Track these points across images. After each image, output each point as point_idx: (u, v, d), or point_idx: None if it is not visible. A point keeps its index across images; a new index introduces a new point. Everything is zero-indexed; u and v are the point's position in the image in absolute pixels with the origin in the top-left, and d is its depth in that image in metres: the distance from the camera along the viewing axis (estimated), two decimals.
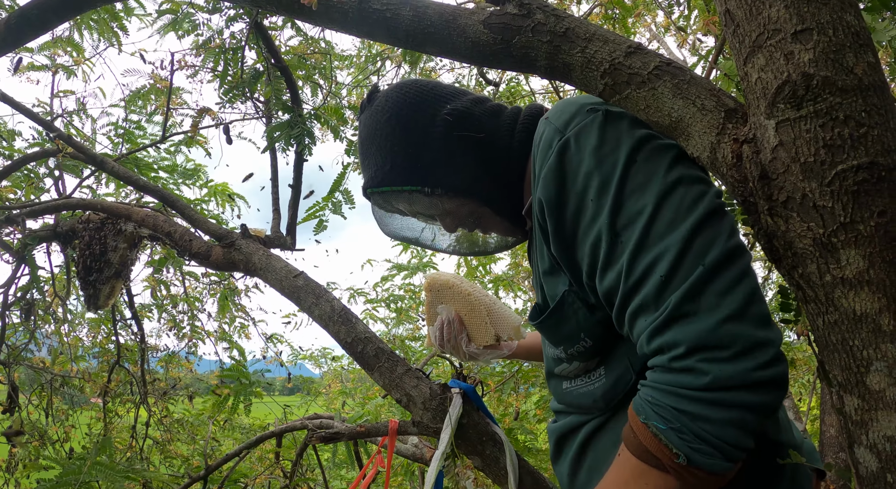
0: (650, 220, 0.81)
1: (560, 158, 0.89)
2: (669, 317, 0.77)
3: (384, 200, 1.19)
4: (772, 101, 0.73)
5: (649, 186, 0.83)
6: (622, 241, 0.82)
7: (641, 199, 0.82)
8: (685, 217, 0.80)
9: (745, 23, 0.75)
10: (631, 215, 0.82)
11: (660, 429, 0.77)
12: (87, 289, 2.47)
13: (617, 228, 0.83)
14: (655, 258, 0.80)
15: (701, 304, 0.76)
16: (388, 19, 1.00)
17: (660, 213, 0.81)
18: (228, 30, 2.23)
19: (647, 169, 0.84)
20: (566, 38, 0.89)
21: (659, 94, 0.84)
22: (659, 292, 0.79)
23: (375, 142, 1.12)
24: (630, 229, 0.82)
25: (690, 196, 0.82)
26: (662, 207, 0.81)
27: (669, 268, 0.78)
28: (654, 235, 0.80)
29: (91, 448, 3.78)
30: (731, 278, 0.78)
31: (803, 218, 0.73)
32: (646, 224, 0.81)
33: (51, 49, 3.73)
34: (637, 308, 0.81)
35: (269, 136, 2.12)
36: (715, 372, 0.74)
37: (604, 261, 0.85)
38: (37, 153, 2.69)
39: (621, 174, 0.84)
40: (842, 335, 0.74)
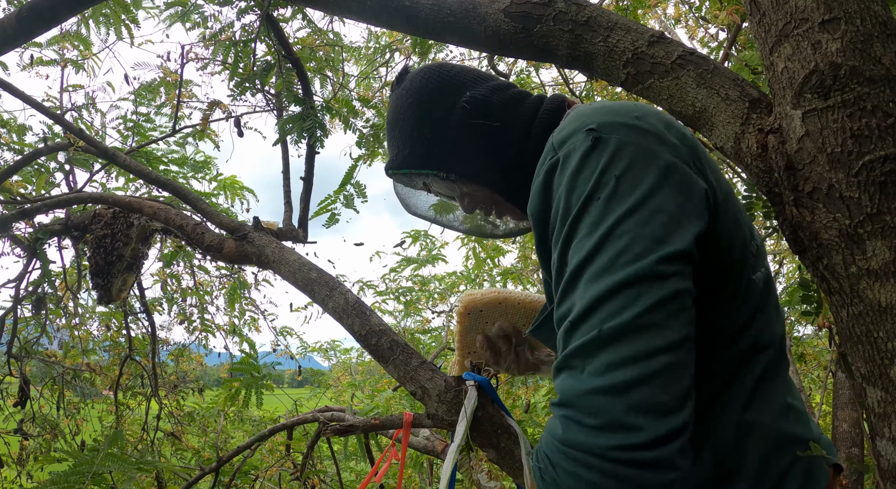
0: (583, 262, 0.77)
1: (547, 177, 0.87)
2: (562, 363, 0.77)
3: (405, 182, 1.26)
4: (799, 90, 0.72)
5: (599, 226, 0.78)
6: (564, 273, 0.81)
7: (588, 238, 0.78)
8: (613, 271, 0.75)
9: (771, 12, 0.73)
10: (574, 250, 0.80)
11: (538, 479, 0.78)
12: (99, 283, 2.47)
13: (566, 258, 0.81)
14: (572, 303, 0.78)
15: (586, 365, 0.73)
16: (407, 8, 1.00)
17: (595, 259, 0.77)
18: (239, 22, 2.23)
19: (605, 208, 0.79)
20: (588, 27, 0.89)
21: (682, 84, 0.83)
22: (564, 335, 0.78)
23: (398, 125, 1.16)
24: (569, 265, 0.80)
25: (634, 251, 0.76)
26: (599, 253, 0.77)
27: (576, 317, 0.76)
28: (581, 280, 0.77)
29: (102, 441, 3.80)
30: (626, 355, 0.72)
31: (829, 209, 0.72)
32: (578, 265, 0.78)
33: (59, 43, 3.74)
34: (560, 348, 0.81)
35: (281, 129, 2.11)
36: (570, 433, 0.73)
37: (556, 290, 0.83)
38: (48, 147, 2.69)
39: (581, 206, 0.80)
40: (866, 327, 0.74)
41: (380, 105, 3.89)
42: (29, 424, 4.19)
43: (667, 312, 0.73)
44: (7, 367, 3.98)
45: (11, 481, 4.18)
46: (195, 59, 2.47)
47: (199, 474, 3.47)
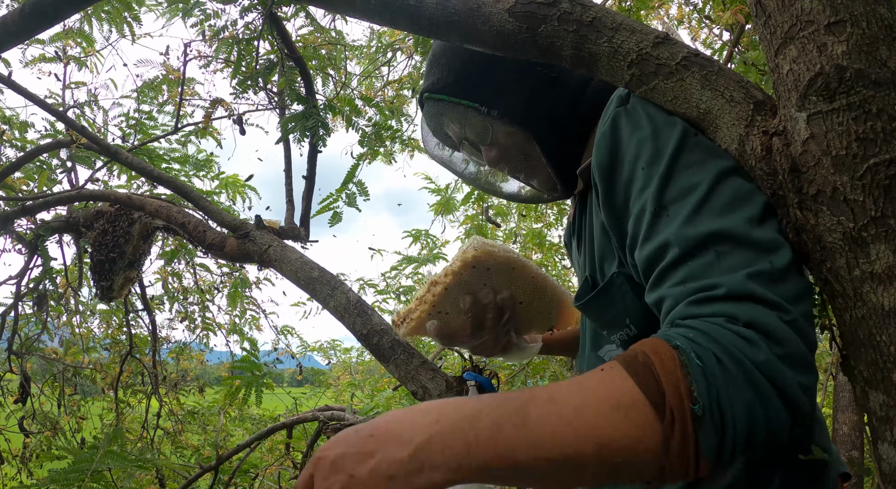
0: (705, 197, 0.74)
1: (614, 123, 0.86)
2: (734, 291, 0.67)
3: (437, 111, 1.17)
4: (804, 93, 0.71)
5: (706, 165, 0.77)
6: (669, 214, 0.76)
7: (696, 176, 0.76)
8: (744, 204, 0.74)
9: (776, 13, 0.73)
10: (682, 189, 0.76)
11: (694, 364, 0.62)
12: (101, 280, 2.48)
13: (664, 201, 0.76)
14: (711, 235, 0.71)
15: (771, 295, 0.67)
16: (411, 6, 0.99)
17: (716, 192, 0.74)
18: (242, 20, 2.22)
19: (704, 149, 0.80)
20: (592, 28, 0.88)
21: (687, 85, 0.82)
22: (712, 266, 0.70)
23: (450, 51, 1.12)
24: (680, 203, 0.75)
25: (749, 186, 0.77)
26: (719, 187, 0.75)
27: (730, 248, 0.70)
28: (708, 212, 0.73)
29: (103, 438, 3.80)
30: (799, 289, 0.70)
31: (833, 212, 0.72)
32: (700, 199, 0.74)
33: (62, 40, 3.74)
34: (684, 277, 0.72)
35: (284, 128, 2.12)
36: (771, 360, 0.63)
37: (646, 233, 0.77)
38: (50, 144, 2.69)
39: (676, 146, 0.79)
40: (869, 330, 0.73)
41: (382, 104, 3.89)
42: (29, 421, 4.19)
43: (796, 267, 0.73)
44: (8, 364, 3.99)
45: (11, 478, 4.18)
46: (198, 57, 2.47)
47: (198, 472, 3.47)
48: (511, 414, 0.63)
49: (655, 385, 0.62)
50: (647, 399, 0.61)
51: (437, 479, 0.62)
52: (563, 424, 0.62)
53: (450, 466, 0.62)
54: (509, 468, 0.63)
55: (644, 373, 0.63)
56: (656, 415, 0.61)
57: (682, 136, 0.81)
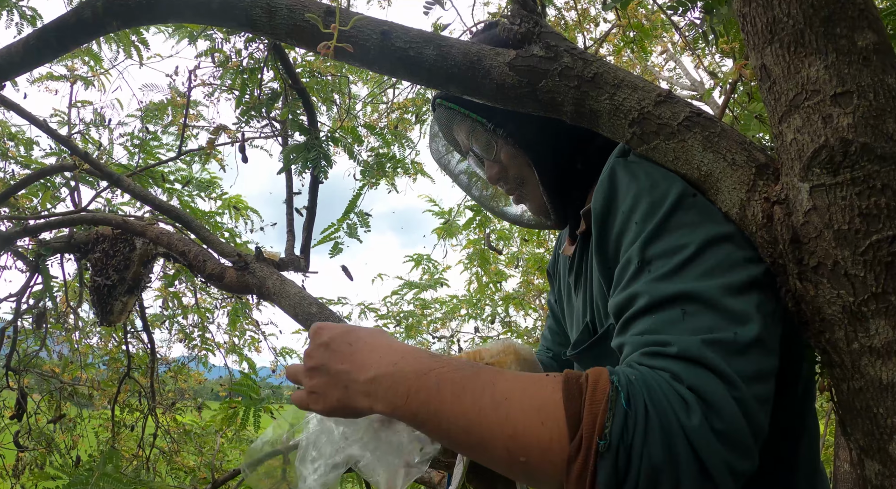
0: (689, 259, 0.73)
1: (612, 173, 0.86)
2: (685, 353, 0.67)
3: (447, 118, 1.20)
4: (807, 164, 0.70)
5: (698, 228, 0.77)
6: (650, 269, 0.75)
7: (686, 237, 0.76)
8: (726, 272, 0.73)
9: (782, 80, 0.72)
10: (669, 248, 0.75)
11: (619, 404, 0.63)
12: (100, 305, 2.46)
13: (649, 256, 0.76)
14: (683, 294, 0.71)
15: (724, 366, 0.65)
16: (410, 58, 0.99)
17: (701, 256, 0.74)
18: (247, 50, 2.23)
19: (700, 210, 0.79)
20: (594, 84, 0.87)
21: (689, 147, 0.81)
22: (674, 324, 0.70)
23: None
24: (663, 261, 0.75)
25: (739, 256, 0.76)
26: (706, 252, 0.74)
27: (697, 309, 0.69)
28: (687, 273, 0.73)
29: (98, 457, 3.77)
30: (760, 369, 0.69)
31: (833, 285, 0.71)
32: (683, 260, 0.73)
33: (70, 59, 3.76)
34: (645, 329, 0.72)
35: (286, 158, 2.11)
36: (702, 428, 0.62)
37: (625, 283, 0.77)
38: (53, 167, 2.70)
39: (672, 204, 0.78)
40: (866, 402, 0.73)
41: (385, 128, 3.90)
42: (25, 437, 4.16)
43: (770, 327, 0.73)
44: (5, 380, 3.97)
45: None
46: (202, 84, 2.48)
47: None
48: (454, 382, 0.72)
49: (578, 408, 0.64)
50: (566, 416, 0.65)
51: (377, 408, 0.76)
52: (489, 405, 0.68)
53: (388, 404, 0.75)
54: (434, 426, 0.72)
55: (573, 394, 0.66)
56: (568, 435, 0.64)
57: (680, 194, 0.80)
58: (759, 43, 0.75)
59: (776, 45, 0.73)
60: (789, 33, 0.72)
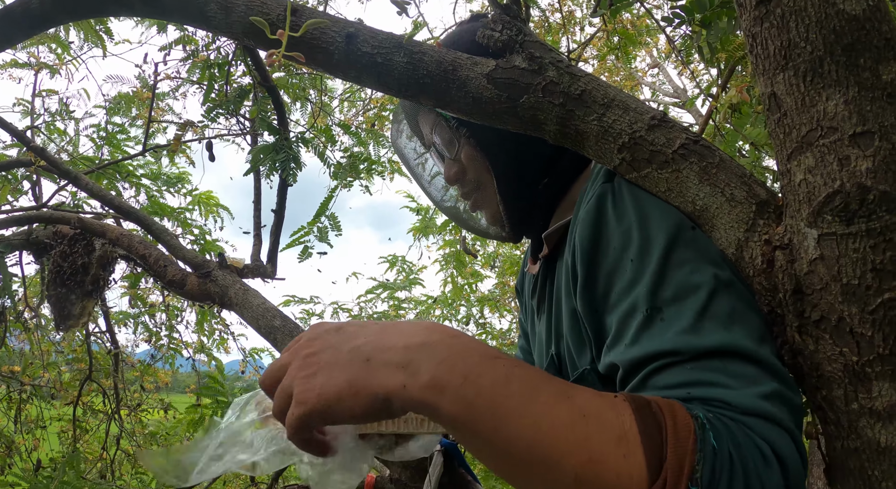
0: (706, 304, 0.65)
1: (600, 203, 0.77)
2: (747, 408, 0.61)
3: (412, 110, 1.12)
4: (818, 209, 0.62)
5: (703, 265, 0.69)
6: (664, 317, 0.67)
7: (694, 276, 0.68)
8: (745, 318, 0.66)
9: (794, 113, 0.64)
10: (679, 290, 0.67)
11: (709, 446, 0.55)
12: (57, 310, 2.34)
13: (658, 302, 0.68)
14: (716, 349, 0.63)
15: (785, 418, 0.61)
16: (378, 64, 0.89)
17: (717, 299, 0.66)
18: (215, 44, 2.11)
19: (701, 244, 0.72)
20: (581, 102, 0.79)
21: (683, 178, 0.73)
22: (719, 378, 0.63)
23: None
24: (677, 307, 0.67)
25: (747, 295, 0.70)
26: (720, 294, 0.66)
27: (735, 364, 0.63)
28: (712, 324, 0.65)
29: (59, 460, 3.64)
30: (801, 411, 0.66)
31: (836, 341, 0.64)
32: (702, 306, 0.65)
33: (35, 46, 3.60)
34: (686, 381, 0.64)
35: (254, 159, 2.01)
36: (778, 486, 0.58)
37: (635, 335, 0.68)
38: (9, 162, 2.56)
39: (669, 239, 0.70)
40: (861, 463, 0.67)
41: (362, 126, 3.79)
42: None
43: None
44: None
45: None
46: (168, 78, 2.36)
47: None
48: (524, 379, 0.57)
49: (658, 445, 0.55)
50: (644, 451, 0.55)
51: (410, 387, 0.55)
52: (566, 420, 0.55)
53: (434, 381, 0.55)
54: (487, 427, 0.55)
55: (650, 427, 0.56)
56: (648, 475, 0.54)
57: (677, 228, 0.72)
58: (769, 68, 0.66)
59: (790, 73, 0.64)
60: (806, 61, 0.63)
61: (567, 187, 1.01)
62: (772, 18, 0.66)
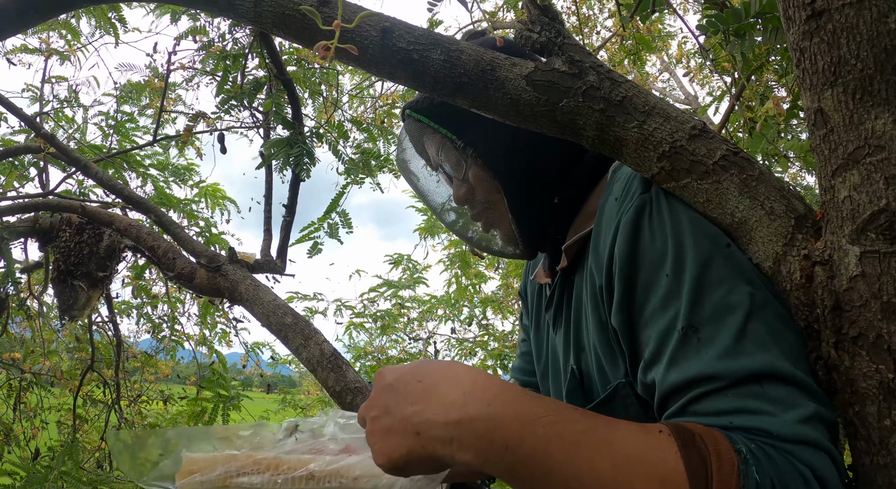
0: (744, 324, 0.65)
1: (637, 214, 0.76)
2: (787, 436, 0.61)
3: (417, 130, 1.09)
4: (861, 227, 0.62)
5: (740, 284, 0.68)
6: (701, 337, 0.67)
7: (731, 295, 0.67)
8: (783, 337, 0.66)
9: (841, 130, 0.63)
10: (717, 310, 0.67)
11: (752, 480, 0.57)
12: (62, 298, 2.33)
13: (695, 321, 0.67)
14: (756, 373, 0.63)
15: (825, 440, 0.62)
16: (414, 61, 0.87)
17: (755, 319, 0.65)
18: (231, 35, 2.10)
19: (738, 261, 0.71)
20: (622, 109, 0.78)
21: (723, 190, 0.72)
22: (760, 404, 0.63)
23: None
24: (714, 327, 0.66)
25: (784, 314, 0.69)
26: (758, 314, 0.66)
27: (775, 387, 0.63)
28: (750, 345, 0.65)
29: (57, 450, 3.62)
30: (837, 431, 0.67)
31: (873, 359, 0.64)
32: (740, 327, 0.65)
33: (45, 31, 3.58)
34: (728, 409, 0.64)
35: (267, 153, 1.99)
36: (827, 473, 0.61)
37: (672, 354, 0.68)
38: (18, 148, 2.55)
39: (707, 256, 0.70)
40: (890, 479, 0.67)
41: (372, 121, 3.77)
42: None
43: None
44: None
45: None
46: (181, 68, 2.35)
47: None
48: (565, 437, 0.61)
49: (704, 481, 0.57)
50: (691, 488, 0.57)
51: (458, 458, 0.62)
52: (608, 471, 0.59)
53: (479, 454, 0.61)
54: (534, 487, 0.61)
55: (696, 464, 0.58)
56: None
57: (714, 244, 0.71)
58: (817, 83, 0.65)
59: (839, 90, 0.63)
60: (856, 78, 0.62)
61: (584, 199, 1.00)
62: (822, 34, 0.65)
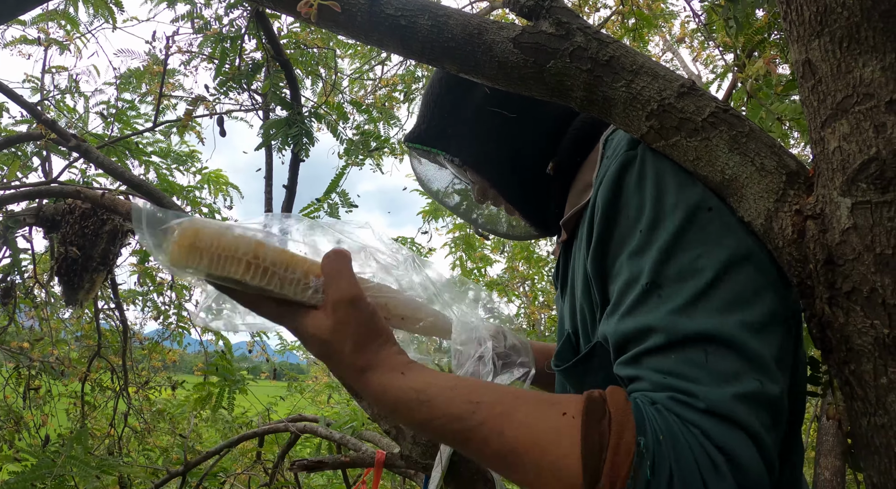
0: (707, 287, 0.66)
1: (621, 171, 0.77)
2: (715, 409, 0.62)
3: (421, 155, 1.19)
4: (852, 177, 0.61)
5: (716, 248, 0.69)
6: (662, 294, 0.68)
7: (702, 259, 0.68)
8: (748, 305, 0.66)
9: (829, 79, 0.62)
10: (683, 271, 0.68)
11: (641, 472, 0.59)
12: (66, 283, 2.34)
13: (660, 278, 0.69)
14: (704, 334, 0.65)
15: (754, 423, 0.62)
16: (402, 27, 0.87)
17: (720, 284, 0.67)
18: (227, 17, 2.10)
19: (718, 226, 0.71)
20: (609, 69, 0.77)
21: (713, 147, 0.72)
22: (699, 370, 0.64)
23: (426, 97, 1.13)
24: (677, 286, 0.68)
25: (760, 281, 0.68)
26: (725, 278, 0.67)
27: (720, 352, 0.64)
28: (705, 305, 0.66)
29: (67, 437, 3.66)
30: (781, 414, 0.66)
31: (867, 314, 0.63)
32: (701, 289, 0.67)
33: (44, 22, 3.58)
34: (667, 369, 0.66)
35: (266, 133, 1.99)
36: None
37: (630, 306, 0.70)
38: (20, 136, 2.55)
39: (685, 218, 0.71)
40: (888, 440, 0.66)
41: (372, 104, 3.76)
42: None
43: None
44: None
45: None
46: (180, 52, 2.34)
47: (165, 477, 3.35)
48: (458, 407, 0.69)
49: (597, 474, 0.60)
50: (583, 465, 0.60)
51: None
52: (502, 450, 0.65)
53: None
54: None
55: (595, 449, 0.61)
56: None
57: (694, 207, 0.71)
58: (804, 35, 0.65)
59: (825, 39, 0.63)
60: (842, 27, 0.62)
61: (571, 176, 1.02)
62: None
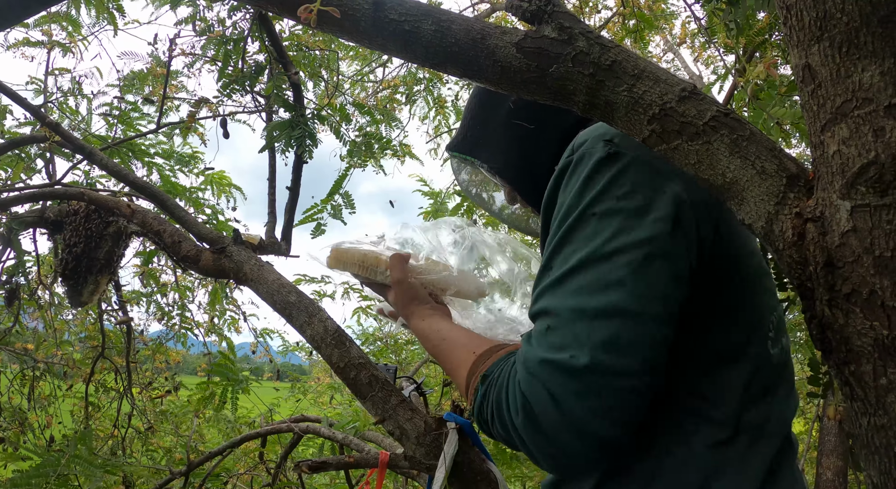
0: (568, 273, 0.81)
1: (559, 174, 0.90)
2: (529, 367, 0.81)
3: (457, 164, 1.33)
4: (851, 180, 0.62)
5: (590, 242, 0.81)
6: (550, 274, 0.84)
7: (577, 252, 0.81)
8: (593, 295, 0.78)
9: (829, 84, 0.63)
10: (562, 258, 0.83)
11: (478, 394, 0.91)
12: (69, 285, 2.35)
13: (551, 262, 0.84)
14: (549, 310, 0.81)
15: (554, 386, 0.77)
16: (406, 32, 0.89)
17: (578, 274, 0.80)
18: (230, 19, 2.10)
19: (604, 223, 0.81)
20: (611, 73, 0.78)
21: (714, 150, 0.73)
22: (540, 336, 0.81)
23: (467, 108, 1.26)
24: (555, 270, 0.83)
25: (613, 277, 0.79)
26: (582, 271, 0.80)
27: (556, 326, 0.79)
28: (564, 288, 0.81)
29: (71, 437, 3.68)
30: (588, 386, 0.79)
31: (867, 315, 0.64)
32: (563, 274, 0.81)
33: (47, 24, 3.59)
34: (529, 332, 0.85)
35: (269, 136, 2.00)
36: (523, 427, 0.82)
37: (537, 280, 0.88)
38: (24, 138, 2.57)
39: (578, 216, 0.83)
40: (888, 441, 0.67)
41: (374, 106, 3.77)
42: None
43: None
44: None
45: None
46: (183, 54, 2.35)
47: (168, 477, 3.36)
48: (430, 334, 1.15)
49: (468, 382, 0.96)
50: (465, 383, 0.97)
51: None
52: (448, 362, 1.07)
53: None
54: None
55: (470, 372, 0.97)
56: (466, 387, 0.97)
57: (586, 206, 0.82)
58: (804, 40, 0.66)
59: (825, 44, 0.64)
60: (841, 32, 0.63)
61: None
62: None
